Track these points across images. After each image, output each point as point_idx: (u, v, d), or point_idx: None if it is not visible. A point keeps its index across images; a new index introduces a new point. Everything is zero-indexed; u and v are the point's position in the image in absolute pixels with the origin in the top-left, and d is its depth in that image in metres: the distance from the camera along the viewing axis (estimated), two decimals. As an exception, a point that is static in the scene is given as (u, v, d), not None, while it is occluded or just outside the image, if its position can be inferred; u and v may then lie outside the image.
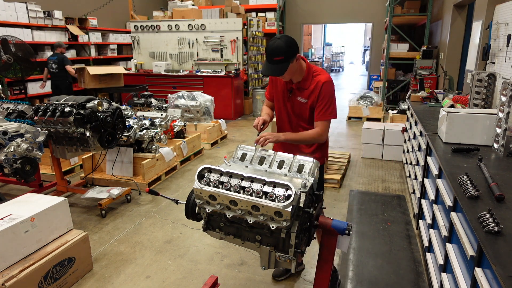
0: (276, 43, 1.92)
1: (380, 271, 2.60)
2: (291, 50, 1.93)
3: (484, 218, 1.40)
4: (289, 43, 1.93)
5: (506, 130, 2.22)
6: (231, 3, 9.19)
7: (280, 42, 1.92)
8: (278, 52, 1.91)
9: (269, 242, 1.54)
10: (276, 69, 1.96)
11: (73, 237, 2.51)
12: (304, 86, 2.10)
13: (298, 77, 2.10)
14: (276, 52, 1.92)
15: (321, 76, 2.09)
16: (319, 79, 2.07)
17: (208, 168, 1.56)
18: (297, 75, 2.08)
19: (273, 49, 1.92)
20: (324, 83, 2.05)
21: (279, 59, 1.92)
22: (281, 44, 1.91)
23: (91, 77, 6.50)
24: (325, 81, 2.06)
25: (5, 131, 2.82)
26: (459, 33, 6.20)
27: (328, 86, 2.06)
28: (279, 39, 1.93)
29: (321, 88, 2.05)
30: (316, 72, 2.11)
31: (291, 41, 1.95)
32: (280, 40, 1.93)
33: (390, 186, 4.27)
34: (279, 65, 1.94)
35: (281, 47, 1.91)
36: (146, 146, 4.31)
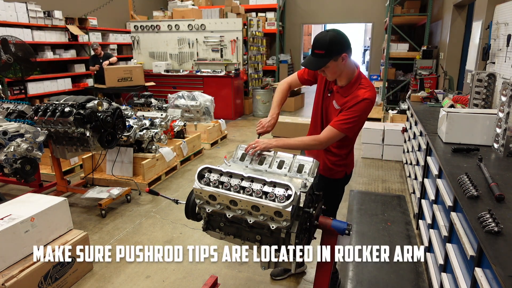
0: (322, 35, 1.77)
1: (380, 271, 2.60)
2: (335, 47, 1.76)
3: (484, 218, 1.40)
4: (334, 39, 1.76)
5: (506, 130, 2.22)
6: (231, 3, 9.19)
7: (326, 35, 1.76)
8: (320, 45, 1.76)
9: (269, 242, 1.54)
10: (313, 62, 1.81)
11: (73, 237, 2.51)
12: (344, 94, 1.91)
13: (342, 81, 1.92)
14: (318, 45, 1.77)
15: (365, 90, 1.86)
16: (361, 94, 1.85)
17: (208, 168, 1.56)
18: (342, 78, 1.91)
19: (316, 41, 1.77)
20: (363, 100, 1.83)
21: (320, 53, 1.77)
22: (325, 38, 1.75)
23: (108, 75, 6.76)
24: (366, 97, 1.83)
25: (5, 131, 2.82)
26: (459, 33, 6.19)
27: (365, 105, 1.84)
28: (327, 32, 1.77)
29: (358, 102, 1.83)
30: (362, 85, 1.89)
31: (338, 37, 1.77)
32: (327, 33, 1.77)
33: (390, 186, 4.27)
34: (318, 59, 1.78)
35: (324, 40, 1.75)
36: (146, 146, 4.31)
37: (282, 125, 4.68)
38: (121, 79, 6.86)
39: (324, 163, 2.07)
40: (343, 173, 2.12)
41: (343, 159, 2.07)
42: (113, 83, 6.84)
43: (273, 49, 11.21)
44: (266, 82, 10.06)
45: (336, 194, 2.21)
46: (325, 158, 2.07)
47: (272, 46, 11.38)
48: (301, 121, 5.30)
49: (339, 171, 2.10)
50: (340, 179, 2.13)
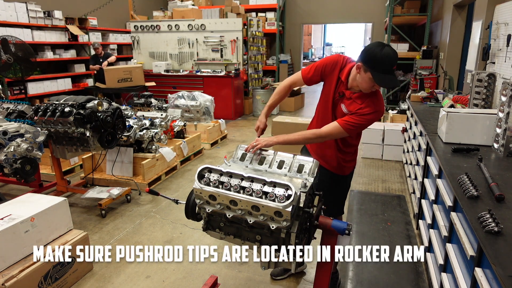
0: (393, 51, 1.78)
1: (380, 271, 2.60)
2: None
3: (484, 218, 1.40)
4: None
5: (506, 130, 2.22)
6: (231, 3, 9.19)
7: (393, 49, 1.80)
8: (396, 60, 1.80)
9: (269, 242, 1.54)
10: (394, 79, 1.83)
11: (73, 237, 2.51)
12: (357, 100, 1.93)
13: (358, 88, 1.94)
14: (396, 60, 1.79)
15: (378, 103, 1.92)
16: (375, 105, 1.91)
17: (208, 168, 1.56)
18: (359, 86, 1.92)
19: (394, 57, 1.77)
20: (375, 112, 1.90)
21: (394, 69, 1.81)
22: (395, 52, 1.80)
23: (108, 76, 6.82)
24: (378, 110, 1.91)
25: (5, 131, 2.82)
26: (459, 33, 6.19)
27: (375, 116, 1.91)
28: (388, 47, 1.79)
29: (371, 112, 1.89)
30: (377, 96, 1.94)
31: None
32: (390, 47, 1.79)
33: (390, 186, 4.27)
34: (395, 75, 1.83)
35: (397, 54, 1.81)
36: (146, 146, 4.31)
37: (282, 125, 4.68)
38: (121, 80, 6.89)
39: (338, 162, 2.16)
40: (352, 168, 2.25)
41: (352, 155, 2.19)
42: (113, 84, 6.88)
43: (273, 49, 11.21)
44: (266, 82, 10.06)
45: (346, 189, 2.34)
46: (339, 157, 2.14)
47: (272, 46, 11.38)
48: (301, 121, 5.30)
49: (349, 167, 2.22)
50: (349, 174, 2.26)
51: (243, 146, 1.81)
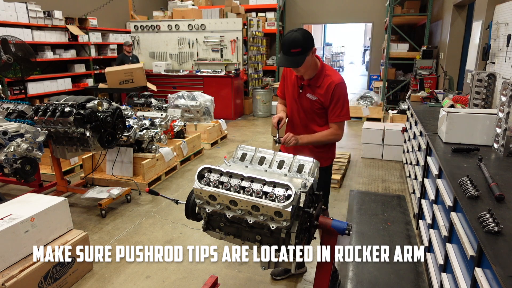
0: (294, 35, 1.93)
1: (380, 271, 2.60)
2: (308, 42, 1.94)
3: (484, 218, 1.40)
4: (306, 35, 1.95)
5: (506, 130, 2.22)
6: (231, 3, 9.19)
7: (298, 34, 1.93)
8: (296, 44, 1.92)
9: (269, 242, 1.54)
10: (293, 61, 1.96)
11: (73, 237, 2.51)
12: (316, 84, 2.11)
13: (310, 73, 2.10)
14: (294, 44, 1.92)
15: (333, 77, 2.08)
16: (332, 80, 2.07)
17: (208, 168, 1.56)
18: (310, 71, 2.08)
19: (291, 41, 1.92)
20: (337, 85, 2.06)
21: (297, 51, 1.93)
22: (299, 36, 1.92)
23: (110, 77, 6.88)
24: (338, 82, 2.06)
25: (5, 131, 2.82)
26: (459, 33, 6.19)
27: (341, 88, 2.07)
28: (296, 31, 1.94)
29: (334, 89, 2.06)
30: (328, 71, 2.11)
31: (308, 34, 1.96)
32: (297, 32, 1.93)
33: (390, 186, 4.27)
34: (296, 57, 1.94)
35: (298, 39, 1.92)
36: (146, 146, 4.31)
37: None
38: (123, 82, 6.93)
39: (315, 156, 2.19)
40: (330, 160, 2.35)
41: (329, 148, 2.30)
42: (114, 86, 6.93)
43: (273, 49, 11.21)
44: (266, 82, 10.05)
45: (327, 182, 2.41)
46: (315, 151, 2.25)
47: (272, 46, 11.38)
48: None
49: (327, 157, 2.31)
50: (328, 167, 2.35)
51: (243, 146, 1.81)
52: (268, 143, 6.03)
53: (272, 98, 8.68)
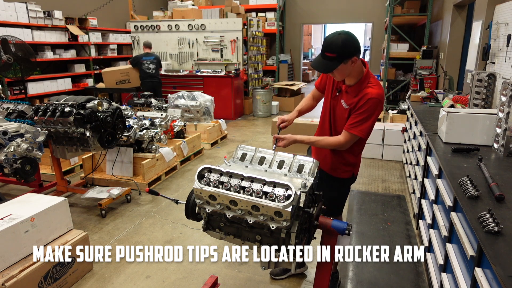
0: (333, 38, 1.78)
1: (380, 271, 2.60)
2: (346, 50, 1.78)
3: (484, 218, 1.40)
4: (347, 42, 1.77)
5: (506, 130, 2.22)
6: (231, 3, 9.19)
7: (338, 38, 1.77)
8: (331, 49, 1.78)
9: (269, 242, 1.54)
10: (324, 65, 1.82)
11: (73, 237, 2.51)
12: (353, 93, 1.93)
13: (351, 81, 1.94)
14: (329, 48, 1.78)
15: (373, 89, 1.88)
16: (369, 92, 1.87)
17: (208, 168, 1.56)
18: (351, 78, 1.93)
19: (328, 44, 1.79)
20: (371, 99, 1.86)
21: (331, 56, 1.78)
22: (338, 41, 1.76)
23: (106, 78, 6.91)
24: (373, 97, 1.86)
25: (5, 131, 2.82)
26: (459, 33, 6.19)
27: (374, 103, 1.87)
28: (339, 35, 1.78)
29: (366, 101, 1.87)
30: (371, 83, 1.92)
31: (350, 40, 1.78)
32: (339, 36, 1.77)
33: (390, 186, 4.27)
34: (329, 62, 1.80)
35: (336, 44, 1.76)
36: (146, 146, 4.31)
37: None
38: (119, 82, 6.97)
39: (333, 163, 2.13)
40: (350, 173, 2.16)
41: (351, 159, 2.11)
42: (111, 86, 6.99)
43: (273, 49, 11.21)
44: (266, 82, 10.05)
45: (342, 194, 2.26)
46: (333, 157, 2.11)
47: (272, 46, 11.38)
48: (301, 121, 5.29)
49: (346, 170, 2.14)
50: (347, 179, 2.18)
51: (243, 146, 1.81)
52: (268, 143, 6.03)
53: (272, 98, 8.68)
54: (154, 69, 6.82)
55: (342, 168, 2.13)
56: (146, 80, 6.79)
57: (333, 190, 2.19)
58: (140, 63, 6.74)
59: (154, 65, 6.82)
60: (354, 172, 2.18)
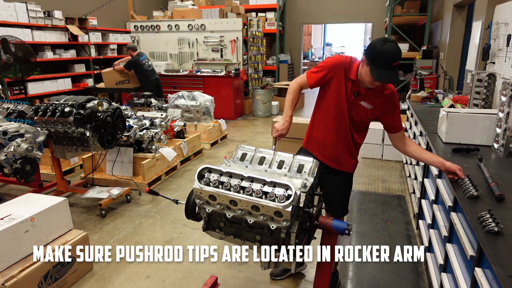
0: (395, 47, 1.74)
1: (380, 271, 2.60)
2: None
3: (484, 218, 1.40)
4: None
5: (506, 130, 2.22)
6: (231, 3, 9.19)
7: (396, 46, 1.75)
8: (398, 56, 1.75)
9: (269, 242, 1.54)
10: (395, 75, 1.79)
11: (73, 237, 2.51)
12: (376, 94, 1.96)
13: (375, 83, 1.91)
14: (397, 57, 1.75)
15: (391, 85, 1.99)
16: (391, 89, 1.97)
17: (208, 168, 1.56)
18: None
19: (395, 53, 1.74)
20: (395, 93, 1.98)
21: (396, 65, 1.76)
22: (398, 48, 1.76)
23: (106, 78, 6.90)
24: (394, 90, 1.99)
25: (5, 131, 2.82)
26: (459, 33, 6.19)
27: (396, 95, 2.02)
28: (391, 42, 1.74)
29: (393, 97, 1.97)
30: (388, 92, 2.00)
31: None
32: (393, 43, 1.75)
33: (390, 186, 4.27)
34: (396, 71, 1.78)
35: (399, 51, 1.76)
36: (146, 146, 4.31)
37: (282, 125, 4.72)
38: (119, 82, 6.99)
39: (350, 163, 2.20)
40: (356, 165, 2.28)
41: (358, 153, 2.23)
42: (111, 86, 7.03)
43: (273, 49, 11.21)
44: (266, 82, 10.05)
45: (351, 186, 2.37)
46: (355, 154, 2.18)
47: (272, 46, 11.38)
48: (301, 121, 5.29)
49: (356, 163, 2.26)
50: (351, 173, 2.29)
51: (243, 146, 1.81)
52: (268, 143, 6.03)
53: (272, 98, 8.68)
54: (152, 65, 6.91)
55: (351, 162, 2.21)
56: (151, 79, 6.79)
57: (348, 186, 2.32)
58: (139, 65, 6.69)
59: (150, 61, 6.92)
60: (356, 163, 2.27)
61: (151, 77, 6.78)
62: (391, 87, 1.98)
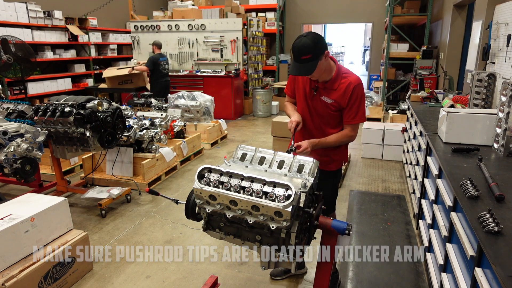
0: (303, 41, 1.83)
1: (380, 271, 2.60)
2: (318, 47, 1.84)
3: (484, 218, 1.40)
4: (316, 39, 1.84)
5: (506, 130, 2.22)
6: (231, 3, 9.19)
7: (307, 39, 1.82)
8: (305, 50, 1.82)
9: (269, 242, 1.54)
10: (304, 68, 1.88)
11: (73, 237, 2.51)
12: (332, 87, 2.03)
13: (326, 76, 2.02)
14: (303, 51, 1.83)
15: (351, 77, 2.01)
16: (349, 81, 2.00)
17: (208, 168, 1.56)
18: (325, 74, 2.00)
19: (300, 48, 1.83)
20: (355, 86, 1.99)
21: (307, 58, 1.83)
22: (308, 42, 1.82)
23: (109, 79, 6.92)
24: (356, 84, 2.00)
25: (5, 131, 2.82)
26: (459, 33, 6.19)
27: (359, 89, 2.01)
28: (305, 37, 1.83)
29: (352, 90, 1.99)
30: (346, 73, 2.04)
31: (318, 37, 1.85)
32: (306, 37, 1.83)
33: (390, 186, 4.27)
34: (308, 63, 1.86)
35: (308, 44, 1.82)
36: (146, 146, 4.31)
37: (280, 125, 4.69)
38: (122, 82, 7.00)
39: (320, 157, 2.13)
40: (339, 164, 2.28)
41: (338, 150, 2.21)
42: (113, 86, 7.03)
43: (273, 49, 11.21)
44: (266, 82, 10.05)
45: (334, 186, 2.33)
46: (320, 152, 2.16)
47: (272, 46, 11.38)
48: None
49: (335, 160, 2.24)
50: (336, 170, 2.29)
51: (243, 146, 1.81)
52: (268, 143, 6.03)
53: (272, 98, 8.68)
54: (168, 69, 6.93)
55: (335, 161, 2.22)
56: (162, 80, 6.79)
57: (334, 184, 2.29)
58: (158, 64, 6.70)
59: (167, 64, 6.93)
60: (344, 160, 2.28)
61: (161, 78, 6.78)
62: (350, 79, 2.00)
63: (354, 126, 2.08)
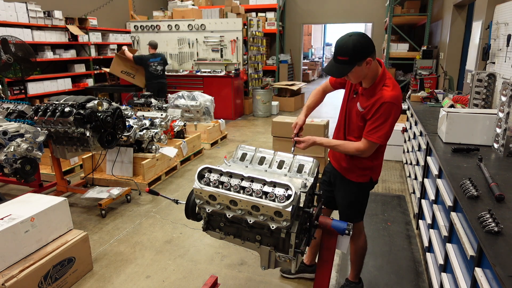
0: (344, 41, 1.70)
1: (380, 271, 2.60)
2: (359, 52, 1.70)
3: (484, 218, 1.40)
4: (359, 43, 1.69)
5: (506, 130, 2.22)
6: (231, 3, 9.19)
7: (349, 40, 1.69)
8: (343, 52, 1.70)
9: (269, 242, 1.54)
10: (338, 69, 1.76)
11: (73, 237, 2.51)
12: (368, 95, 1.85)
13: (366, 83, 1.87)
14: (341, 51, 1.71)
15: (387, 92, 1.78)
16: (383, 95, 1.78)
17: (208, 168, 1.56)
18: (367, 80, 1.85)
19: (339, 47, 1.71)
20: (385, 103, 1.76)
21: (343, 60, 1.71)
22: (349, 44, 1.69)
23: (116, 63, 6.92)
24: (387, 101, 1.76)
25: (5, 131, 2.82)
26: (459, 33, 6.19)
27: (389, 108, 1.77)
28: (350, 37, 1.70)
29: (380, 106, 1.77)
30: (386, 85, 1.82)
31: (362, 42, 1.70)
32: (350, 38, 1.69)
33: (390, 186, 4.27)
34: (342, 65, 1.73)
35: (347, 46, 1.69)
36: (146, 146, 4.31)
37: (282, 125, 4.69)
38: (124, 72, 6.95)
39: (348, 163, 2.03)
40: (367, 178, 2.05)
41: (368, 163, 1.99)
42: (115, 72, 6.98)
43: (273, 49, 11.21)
44: (266, 82, 10.05)
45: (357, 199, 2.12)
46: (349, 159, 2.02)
47: (272, 46, 11.38)
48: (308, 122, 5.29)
49: (362, 174, 2.03)
50: (363, 183, 2.06)
51: (243, 146, 1.81)
52: (268, 143, 6.03)
53: (272, 98, 8.67)
54: (162, 71, 6.84)
55: (357, 172, 2.02)
56: (153, 82, 6.78)
57: (349, 195, 2.10)
58: (146, 65, 6.71)
59: (161, 66, 6.84)
60: (372, 176, 2.05)
61: (153, 80, 6.77)
62: (385, 93, 1.78)
63: (368, 143, 1.83)
